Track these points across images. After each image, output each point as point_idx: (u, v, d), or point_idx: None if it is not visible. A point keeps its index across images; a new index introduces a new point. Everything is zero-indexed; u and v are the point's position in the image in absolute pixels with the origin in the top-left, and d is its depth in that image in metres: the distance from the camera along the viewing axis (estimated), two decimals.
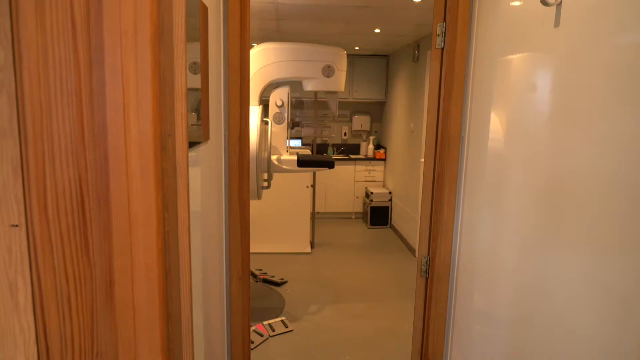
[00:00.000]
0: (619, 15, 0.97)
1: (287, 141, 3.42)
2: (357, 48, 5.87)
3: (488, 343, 1.55)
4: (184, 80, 0.64)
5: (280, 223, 5.09)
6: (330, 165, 3.37)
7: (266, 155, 3.30)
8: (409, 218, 5.29)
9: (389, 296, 3.95)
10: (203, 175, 1.45)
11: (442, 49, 1.71)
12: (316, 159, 3.44)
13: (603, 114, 1.05)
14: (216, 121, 1.68)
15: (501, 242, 1.47)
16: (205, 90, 1.42)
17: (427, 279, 1.87)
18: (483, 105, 1.53)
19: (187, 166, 0.65)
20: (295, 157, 3.36)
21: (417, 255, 2.94)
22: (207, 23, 1.43)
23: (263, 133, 3.24)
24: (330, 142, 6.98)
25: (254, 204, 4.93)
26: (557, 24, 1.09)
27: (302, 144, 6.30)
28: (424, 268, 1.89)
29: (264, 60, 3.22)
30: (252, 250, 5.01)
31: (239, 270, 2.15)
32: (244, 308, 2.25)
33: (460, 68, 1.60)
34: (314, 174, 5.22)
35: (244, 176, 1.97)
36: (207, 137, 1.45)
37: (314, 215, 5.30)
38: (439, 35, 1.68)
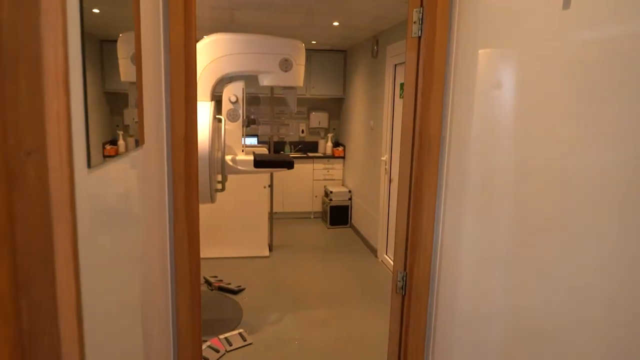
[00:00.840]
0: None
1: (242, 139, 3.18)
2: (314, 42, 5.67)
3: None
4: (61, 58, 0.41)
5: (236, 225, 4.82)
6: (289, 165, 3.16)
7: (219, 155, 3.04)
8: (369, 217, 5.17)
9: (352, 301, 3.80)
10: (137, 185, 1.21)
11: (419, 37, 1.54)
12: (274, 158, 3.22)
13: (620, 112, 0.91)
14: (155, 120, 1.43)
15: (489, 254, 1.33)
16: (139, 84, 1.17)
17: (403, 296, 1.70)
18: (466, 101, 1.37)
19: (73, 203, 0.42)
20: (251, 157, 3.12)
21: (392, 270, 2.75)
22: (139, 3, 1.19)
23: (215, 131, 2.98)
24: (288, 139, 6.76)
25: (207, 206, 4.64)
26: (566, 5, 0.93)
27: (258, 142, 6.04)
28: (399, 284, 1.72)
29: (215, 52, 2.96)
30: (206, 255, 4.77)
31: (186, 280, 1.91)
32: (194, 321, 2.01)
33: (440, 59, 1.44)
34: (272, 173, 4.98)
35: (191, 179, 1.73)
36: (141, 141, 1.20)
37: (272, 216, 5.07)
38: (415, 22, 1.51)
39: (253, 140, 6.03)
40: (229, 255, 4.75)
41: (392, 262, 4.45)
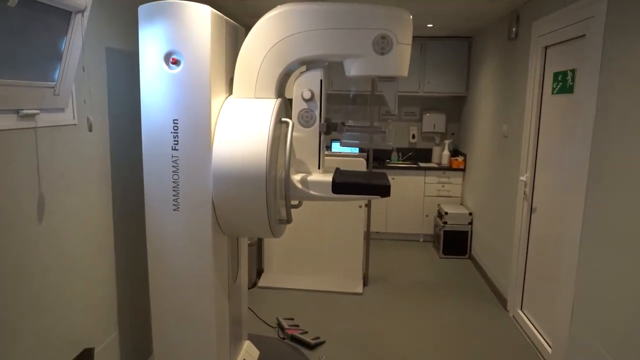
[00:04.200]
0: None
1: (319, 149, 2.27)
2: (429, 26, 4.56)
3: None
4: None
5: (325, 250, 3.95)
6: (382, 191, 2.17)
7: (281, 173, 2.18)
8: (497, 253, 3.91)
9: None
10: None
11: None
12: (363, 180, 2.26)
13: None
14: None
15: None
16: None
17: None
18: None
19: None
20: (329, 178, 2.20)
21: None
22: None
23: (279, 140, 2.11)
24: (396, 144, 5.72)
25: (288, 227, 3.83)
26: None
27: (360, 150, 5.08)
28: None
29: (282, 30, 2.09)
30: (286, 285, 3.95)
31: None
32: None
33: None
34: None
35: None
36: None
37: (369, 239, 4.10)
38: None
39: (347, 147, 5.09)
40: (314, 288, 3.89)
41: (530, 324, 3.18)
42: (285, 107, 2.29)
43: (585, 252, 2.40)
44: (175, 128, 1.97)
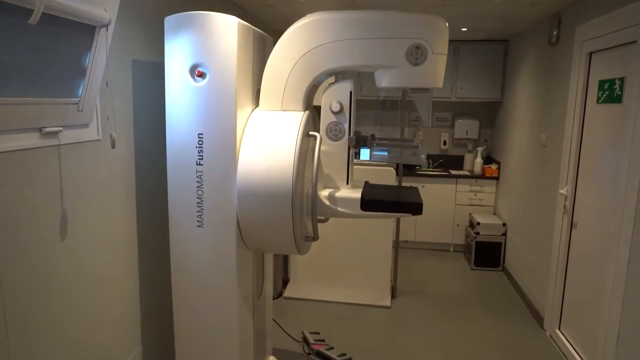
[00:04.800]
0: None
1: (348, 164, 2.17)
2: (464, 29, 4.40)
3: None
4: None
5: (351, 260, 3.86)
6: (414, 209, 2.06)
7: (308, 188, 2.10)
8: (533, 267, 3.73)
9: None
10: None
11: None
12: (393, 198, 2.15)
13: None
14: None
15: None
16: None
17: None
18: None
19: None
20: (358, 194, 2.10)
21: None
22: None
23: (306, 154, 2.03)
24: (426, 150, 5.56)
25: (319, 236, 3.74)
26: None
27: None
28: None
29: (311, 40, 2.01)
30: (312, 296, 3.87)
31: None
32: None
33: None
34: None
35: None
36: None
37: (397, 249, 3.97)
38: None
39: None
40: (341, 300, 3.80)
41: (569, 345, 3.00)
42: (314, 118, 2.21)
43: (635, 271, 2.23)
44: (200, 142, 1.91)
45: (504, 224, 4.56)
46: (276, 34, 2.11)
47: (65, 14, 1.39)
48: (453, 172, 5.20)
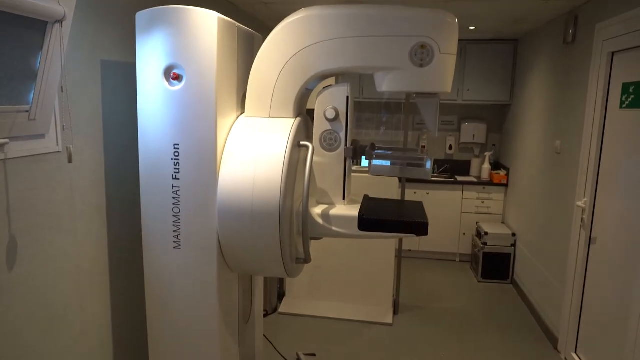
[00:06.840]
0: None
1: (344, 177, 1.94)
2: (471, 28, 4.16)
3: None
4: None
5: (351, 273, 3.63)
6: (419, 230, 1.83)
7: (299, 205, 1.87)
8: (546, 282, 3.48)
9: None
10: None
11: None
12: (395, 217, 1.91)
13: None
14: None
15: None
16: None
17: None
18: None
19: None
20: (355, 211, 1.87)
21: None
22: None
23: (295, 167, 1.81)
24: (431, 155, 5.32)
25: (314, 246, 3.51)
26: None
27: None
28: None
29: (303, 39, 1.78)
30: (309, 312, 3.62)
31: None
32: None
33: None
34: (402, 198, 3.66)
35: None
36: None
37: (400, 260, 3.74)
38: None
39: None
40: (339, 317, 3.57)
41: None
42: (307, 125, 1.98)
43: None
44: (177, 154, 1.69)
45: (514, 234, 4.32)
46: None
47: (7, 7, 1.18)
48: (459, 178, 4.95)
